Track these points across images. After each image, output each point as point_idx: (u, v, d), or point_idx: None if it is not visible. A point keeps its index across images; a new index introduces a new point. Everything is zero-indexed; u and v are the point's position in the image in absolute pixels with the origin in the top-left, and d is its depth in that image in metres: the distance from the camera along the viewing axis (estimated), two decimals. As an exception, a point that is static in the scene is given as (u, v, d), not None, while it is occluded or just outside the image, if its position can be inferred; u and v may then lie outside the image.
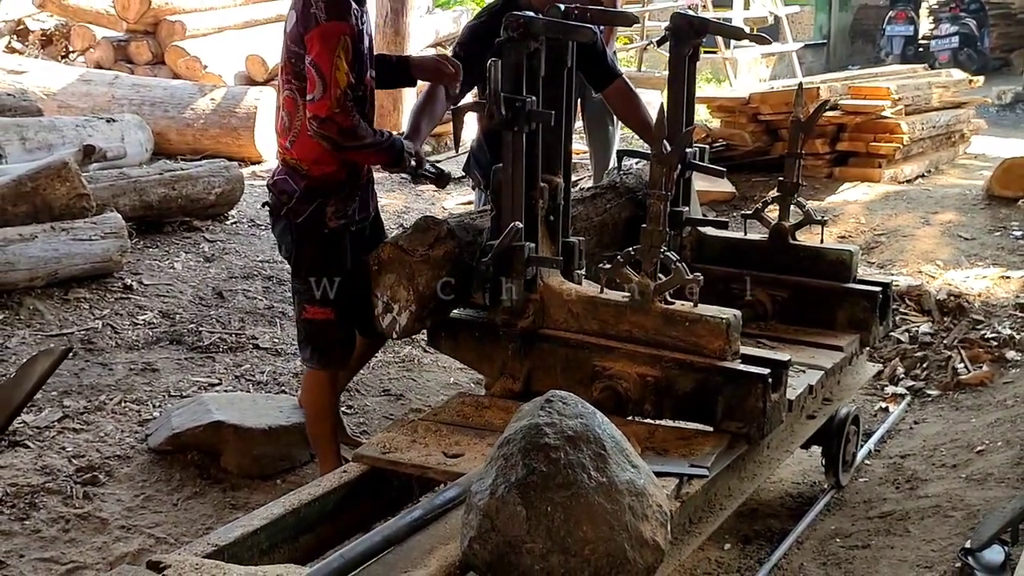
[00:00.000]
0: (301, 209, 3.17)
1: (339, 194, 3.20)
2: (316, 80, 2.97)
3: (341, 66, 2.96)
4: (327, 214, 3.18)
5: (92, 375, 4.14)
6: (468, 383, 4.50)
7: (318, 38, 2.97)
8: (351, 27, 3.00)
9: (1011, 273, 5.64)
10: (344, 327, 3.31)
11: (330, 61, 2.95)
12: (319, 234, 3.19)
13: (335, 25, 2.97)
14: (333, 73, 2.95)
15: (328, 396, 3.42)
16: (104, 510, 3.30)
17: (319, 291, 3.22)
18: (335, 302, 3.23)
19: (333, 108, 2.97)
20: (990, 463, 3.72)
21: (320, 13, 2.98)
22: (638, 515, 2.12)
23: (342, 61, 2.96)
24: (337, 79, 2.96)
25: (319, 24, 2.97)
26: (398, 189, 7.63)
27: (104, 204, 5.29)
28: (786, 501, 3.75)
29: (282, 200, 3.20)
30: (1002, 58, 16.40)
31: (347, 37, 2.98)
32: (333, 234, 3.21)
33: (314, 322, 3.26)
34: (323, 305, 3.23)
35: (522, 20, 2.93)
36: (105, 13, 10.03)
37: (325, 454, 3.41)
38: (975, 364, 4.79)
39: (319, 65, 2.96)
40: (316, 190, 3.16)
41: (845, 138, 7.59)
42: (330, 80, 2.95)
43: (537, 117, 2.97)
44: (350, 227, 3.27)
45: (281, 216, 3.22)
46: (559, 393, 2.25)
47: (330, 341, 3.29)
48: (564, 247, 3.19)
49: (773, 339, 3.56)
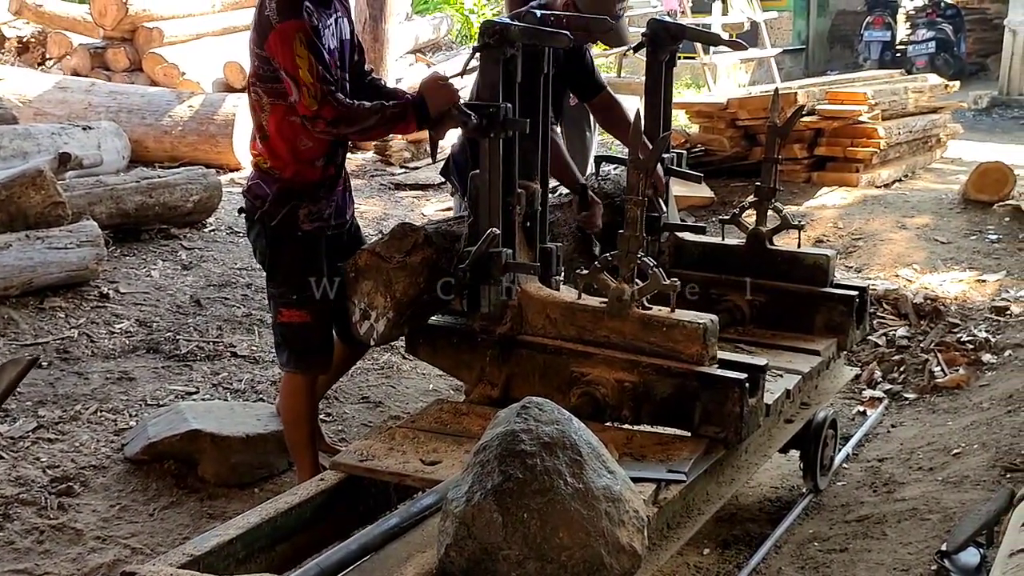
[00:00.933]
0: (274, 212, 3.16)
1: (312, 196, 3.19)
2: (290, 83, 2.97)
3: (303, 63, 2.94)
4: (300, 216, 3.17)
5: (67, 384, 4.11)
6: (447, 390, 4.49)
7: (276, 41, 2.97)
8: (304, 23, 2.98)
9: (987, 276, 5.68)
10: (321, 330, 3.29)
11: (292, 61, 2.95)
12: (293, 236, 3.18)
13: (288, 24, 2.96)
14: (298, 72, 2.94)
15: (306, 402, 3.39)
16: (79, 521, 3.27)
17: (295, 294, 3.20)
18: (311, 305, 3.21)
19: (311, 105, 2.96)
20: (966, 466, 3.74)
21: (273, 16, 2.99)
22: (615, 521, 2.12)
23: (303, 58, 2.94)
24: (302, 78, 2.95)
25: (273, 27, 2.98)
26: (377, 196, 7.62)
27: (80, 212, 5.26)
28: (764, 505, 3.76)
29: (256, 204, 3.20)
30: (978, 63, 16.52)
31: (301, 33, 2.96)
32: (308, 237, 3.20)
33: (290, 325, 3.25)
34: (299, 308, 3.22)
35: (498, 26, 2.93)
36: (82, 20, 9.99)
37: (303, 461, 3.39)
38: (951, 367, 4.82)
39: (286, 68, 2.97)
40: (289, 192, 3.16)
41: (823, 143, 7.63)
42: (299, 79, 2.95)
43: (513, 125, 2.98)
44: (325, 231, 3.25)
45: (255, 220, 3.22)
46: (535, 399, 2.24)
47: (307, 344, 3.28)
48: (542, 253, 3.19)
49: (751, 343, 3.57)
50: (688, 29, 3.91)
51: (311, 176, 3.18)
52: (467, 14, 13.59)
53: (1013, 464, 3.61)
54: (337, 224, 3.32)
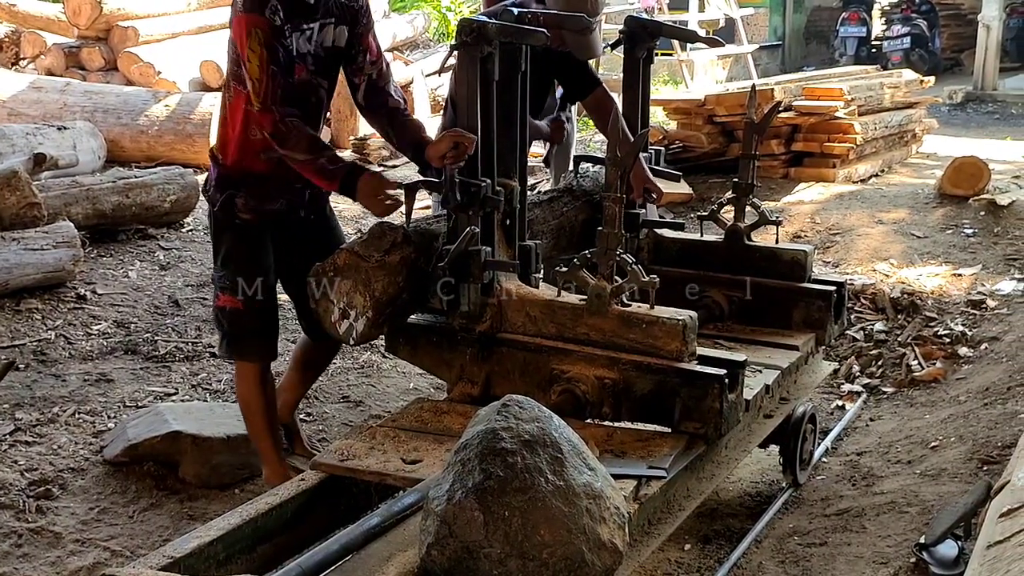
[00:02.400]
0: (215, 197, 3.21)
1: (251, 187, 3.19)
2: (244, 74, 2.97)
3: (253, 58, 2.91)
4: (237, 205, 3.18)
5: (45, 387, 4.08)
6: (427, 388, 4.49)
7: (234, 27, 2.98)
8: (264, 20, 2.93)
9: (962, 271, 5.73)
10: (254, 318, 3.27)
11: (246, 53, 2.92)
12: (231, 224, 3.20)
13: (247, 16, 2.93)
14: (247, 65, 2.93)
15: (256, 390, 3.35)
16: (58, 524, 3.25)
17: (229, 280, 3.22)
18: (244, 291, 3.22)
19: (255, 104, 2.96)
20: (943, 459, 3.77)
21: (239, 3, 2.97)
22: (596, 518, 2.13)
23: (255, 54, 2.91)
24: (249, 71, 2.92)
25: (236, 14, 2.98)
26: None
27: (56, 213, 5.22)
28: (745, 500, 3.78)
29: (207, 188, 3.28)
30: (952, 58, 16.65)
31: (259, 30, 2.91)
32: (246, 226, 3.21)
33: (224, 310, 3.27)
34: (233, 293, 3.22)
35: (475, 24, 2.93)
36: (56, 19, 9.92)
37: (265, 452, 3.38)
38: (928, 361, 4.86)
39: (240, 55, 2.95)
40: (227, 180, 3.19)
41: (800, 139, 7.67)
42: (248, 73, 2.94)
43: (492, 204, 2.99)
44: (269, 223, 3.24)
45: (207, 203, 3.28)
46: (516, 397, 2.25)
47: (239, 330, 3.27)
48: (521, 251, 3.19)
49: (730, 339, 3.58)
50: (665, 26, 3.92)
51: (256, 167, 3.16)
52: (444, 12, 13.56)
53: (990, 457, 3.64)
54: (293, 219, 3.29)
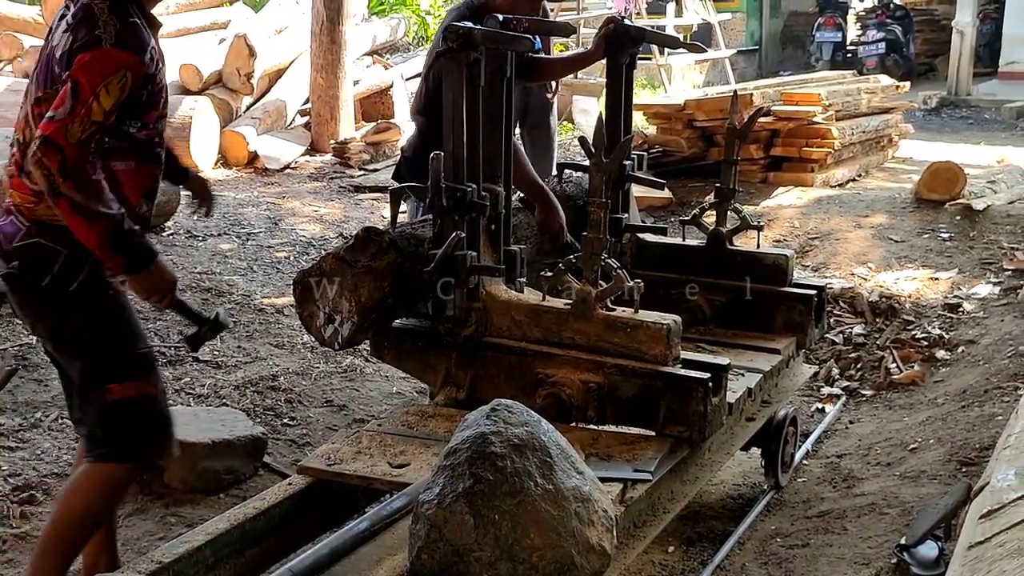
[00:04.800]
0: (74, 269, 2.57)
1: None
2: (67, 98, 2.40)
3: (105, 100, 2.42)
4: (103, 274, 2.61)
5: (27, 392, 4.06)
6: (411, 392, 4.50)
7: (94, 59, 2.43)
8: (140, 64, 2.50)
9: (939, 274, 5.79)
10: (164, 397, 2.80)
11: (95, 86, 2.41)
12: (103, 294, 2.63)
13: (120, 54, 2.45)
14: (91, 100, 2.40)
15: (117, 500, 2.82)
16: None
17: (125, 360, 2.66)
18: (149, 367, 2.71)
19: (70, 136, 2.38)
20: (923, 460, 3.81)
21: (107, 38, 2.45)
22: (584, 521, 2.15)
23: (109, 96, 2.43)
24: (92, 108, 2.41)
25: (100, 47, 2.44)
26: (336, 198, 7.60)
27: (36, 217, 5.19)
28: (728, 503, 3.81)
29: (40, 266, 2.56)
30: (927, 63, 16.81)
31: (129, 73, 2.46)
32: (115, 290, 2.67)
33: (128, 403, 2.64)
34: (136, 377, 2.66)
35: (461, 31, 2.95)
36: (33, 21, 9.85)
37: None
38: (907, 364, 4.91)
39: (80, 84, 2.41)
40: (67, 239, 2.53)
41: (778, 143, 7.73)
42: (82, 105, 2.40)
43: (478, 208, 3.00)
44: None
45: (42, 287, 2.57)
46: (504, 402, 2.26)
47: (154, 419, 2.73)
48: (506, 255, 3.21)
49: (712, 343, 3.61)
50: (648, 32, 3.94)
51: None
52: (424, 16, 13.57)
53: (968, 458, 3.69)
54: None
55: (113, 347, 2.64)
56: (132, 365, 2.66)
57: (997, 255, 5.97)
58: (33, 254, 2.56)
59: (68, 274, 2.56)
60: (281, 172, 8.33)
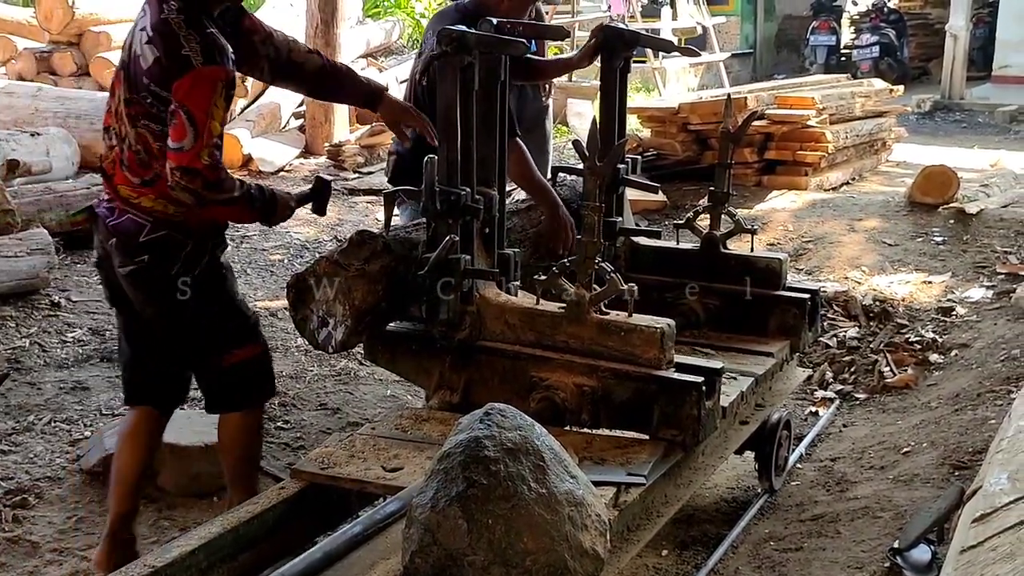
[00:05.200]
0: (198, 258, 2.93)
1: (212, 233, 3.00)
2: (186, 128, 2.68)
3: (217, 115, 2.72)
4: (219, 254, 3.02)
5: (20, 395, 4.06)
6: (405, 395, 4.50)
7: (194, 83, 2.69)
8: (228, 72, 2.76)
9: (932, 278, 5.81)
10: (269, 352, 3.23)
11: (207, 110, 2.69)
12: (219, 275, 3.02)
13: (213, 70, 2.71)
14: (208, 122, 2.69)
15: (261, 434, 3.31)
16: (35, 533, 3.24)
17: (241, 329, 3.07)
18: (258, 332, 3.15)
19: (203, 159, 2.70)
20: (916, 464, 3.82)
21: (196, 57, 2.70)
22: (578, 525, 2.15)
23: (219, 110, 2.72)
24: (211, 128, 2.70)
25: (194, 68, 2.69)
26: (331, 201, 7.59)
27: (30, 220, 5.20)
28: (721, 506, 3.81)
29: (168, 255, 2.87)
30: (921, 67, 16.85)
31: (222, 84, 2.74)
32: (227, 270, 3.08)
33: (247, 362, 3.09)
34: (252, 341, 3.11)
35: (456, 34, 2.95)
36: (27, 24, 9.85)
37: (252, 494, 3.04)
38: (900, 367, 4.92)
39: (192, 112, 2.68)
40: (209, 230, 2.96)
41: (772, 147, 7.74)
42: (203, 129, 2.68)
43: (472, 212, 3.01)
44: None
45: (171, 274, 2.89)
46: (498, 406, 2.26)
47: (268, 371, 3.19)
48: (500, 259, 3.21)
49: (706, 346, 3.61)
50: (642, 36, 3.95)
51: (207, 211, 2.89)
52: (418, 18, 13.57)
53: (961, 462, 3.70)
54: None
55: (231, 320, 3.04)
56: (248, 331, 3.08)
57: (990, 259, 5.99)
58: (163, 246, 2.87)
59: (193, 261, 2.91)
60: (275, 175, 8.33)
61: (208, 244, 2.95)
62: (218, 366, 3.05)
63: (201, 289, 2.93)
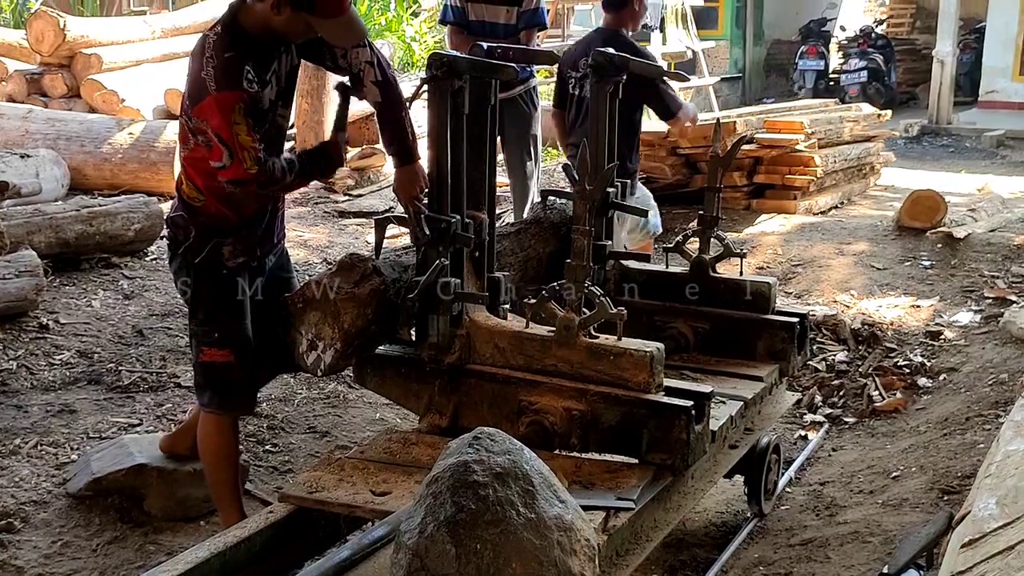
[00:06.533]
0: (198, 248, 3.09)
1: (239, 235, 3.12)
2: (221, 149, 2.88)
3: (241, 131, 2.85)
4: (224, 254, 3.10)
5: (6, 418, 4.03)
6: (394, 419, 4.48)
7: (212, 109, 2.86)
8: (242, 93, 2.88)
9: (921, 302, 5.82)
10: (244, 369, 3.18)
11: (229, 129, 2.84)
12: (217, 275, 3.11)
13: (225, 95, 2.85)
14: (236, 140, 2.85)
15: (229, 441, 3.27)
16: (20, 558, 3.21)
17: (217, 332, 3.12)
18: (233, 344, 3.14)
19: (249, 169, 2.88)
20: (905, 488, 3.82)
21: (210, 82, 2.87)
22: (567, 550, 2.14)
23: (242, 125, 2.85)
24: (242, 143, 2.86)
25: (209, 94, 2.87)
26: (321, 223, 7.59)
27: (19, 241, 5.16)
28: (711, 530, 3.81)
29: (179, 236, 3.13)
30: (908, 92, 16.98)
31: (240, 104, 2.86)
32: (231, 275, 3.13)
33: (213, 365, 3.15)
34: (221, 347, 3.13)
35: (446, 59, 2.97)
36: (18, 45, 9.83)
37: (228, 504, 3.26)
38: (889, 391, 4.93)
39: (221, 135, 2.86)
40: (212, 228, 3.09)
41: (761, 171, 7.77)
42: (235, 147, 2.86)
43: (462, 241, 3.01)
44: (251, 263, 3.18)
45: (178, 253, 3.15)
46: (487, 430, 2.26)
47: (230, 384, 3.17)
48: (490, 282, 3.22)
49: (695, 370, 3.62)
50: (633, 61, 3.97)
51: (244, 212, 3.10)
52: (409, 42, 13.62)
53: (950, 487, 3.70)
54: (264, 252, 3.23)
55: (214, 319, 3.13)
56: (225, 338, 3.12)
57: (978, 283, 6.01)
58: (174, 226, 3.15)
59: (194, 250, 3.09)
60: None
61: (210, 242, 3.08)
62: (196, 356, 3.22)
63: (202, 278, 3.12)
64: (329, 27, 2.96)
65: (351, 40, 3.05)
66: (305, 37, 3.04)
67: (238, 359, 3.15)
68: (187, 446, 3.44)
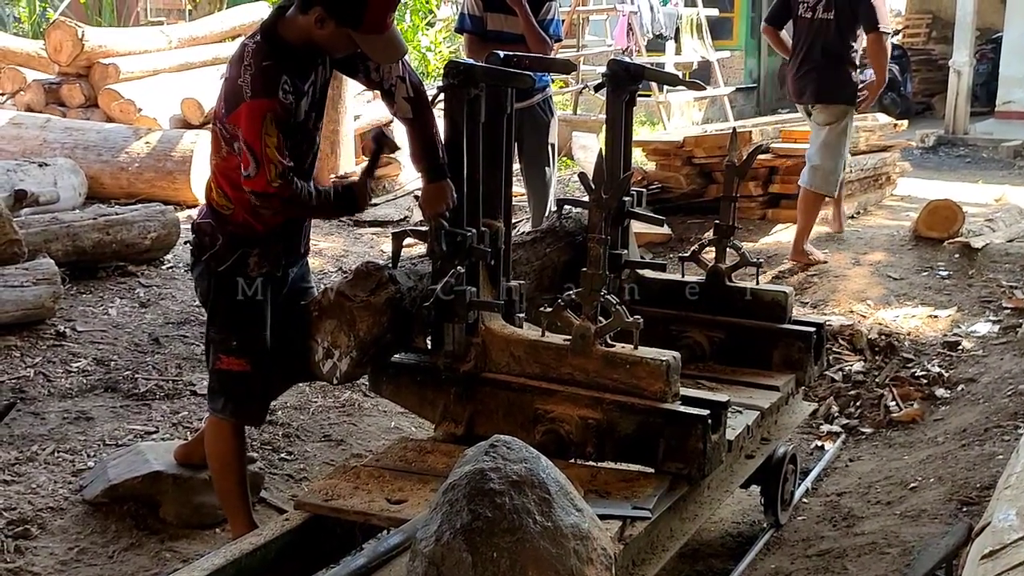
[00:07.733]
0: (223, 256, 3.09)
1: (264, 244, 3.12)
2: (249, 159, 2.87)
3: (271, 142, 2.84)
4: (249, 265, 3.10)
5: (24, 425, 4.04)
6: (409, 427, 4.48)
7: (245, 117, 2.86)
8: (276, 102, 2.87)
9: (938, 312, 5.79)
10: (261, 379, 3.18)
11: (259, 139, 2.83)
12: (239, 284, 3.11)
13: (260, 103, 2.84)
14: (264, 151, 2.84)
15: (236, 447, 3.26)
16: (37, 564, 3.21)
17: (235, 340, 3.12)
18: (251, 353, 3.13)
19: (272, 182, 2.86)
20: (923, 499, 3.79)
21: (247, 89, 2.87)
22: (583, 559, 2.13)
23: (272, 137, 2.84)
24: (269, 155, 2.85)
25: (244, 101, 2.87)
26: (336, 233, 7.61)
27: (36, 249, 5.19)
28: (727, 541, 3.79)
29: (204, 243, 3.13)
30: (924, 102, 16.91)
31: (271, 112, 2.85)
32: (253, 283, 3.12)
33: (229, 373, 3.15)
34: (239, 355, 3.13)
35: (463, 67, 2.98)
36: (36, 55, 9.91)
37: (236, 511, 3.27)
38: (906, 402, 4.90)
39: (250, 144, 2.85)
40: (239, 239, 3.08)
41: (777, 180, 7.74)
42: (262, 157, 2.84)
43: (478, 255, 3.01)
44: (275, 272, 3.18)
45: (201, 259, 3.14)
46: (503, 438, 2.26)
47: (245, 393, 3.17)
48: (505, 291, 3.21)
49: (711, 380, 3.61)
50: (648, 70, 3.97)
51: (268, 224, 3.10)
52: (424, 52, 13.67)
53: (969, 498, 3.67)
54: (288, 262, 3.23)
55: (233, 327, 3.13)
56: (243, 347, 3.12)
57: (996, 293, 5.98)
58: (200, 232, 3.15)
59: (219, 258, 3.09)
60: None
61: (237, 252, 3.08)
62: (213, 363, 3.21)
63: (222, 286, 3.11)
64: (372, 43, 2.94)
65: (392, 56, 3.03)
66: (346, 52, 3.03)
67: (255, 368, 3.15)
68: (202, 455, 3.42)
